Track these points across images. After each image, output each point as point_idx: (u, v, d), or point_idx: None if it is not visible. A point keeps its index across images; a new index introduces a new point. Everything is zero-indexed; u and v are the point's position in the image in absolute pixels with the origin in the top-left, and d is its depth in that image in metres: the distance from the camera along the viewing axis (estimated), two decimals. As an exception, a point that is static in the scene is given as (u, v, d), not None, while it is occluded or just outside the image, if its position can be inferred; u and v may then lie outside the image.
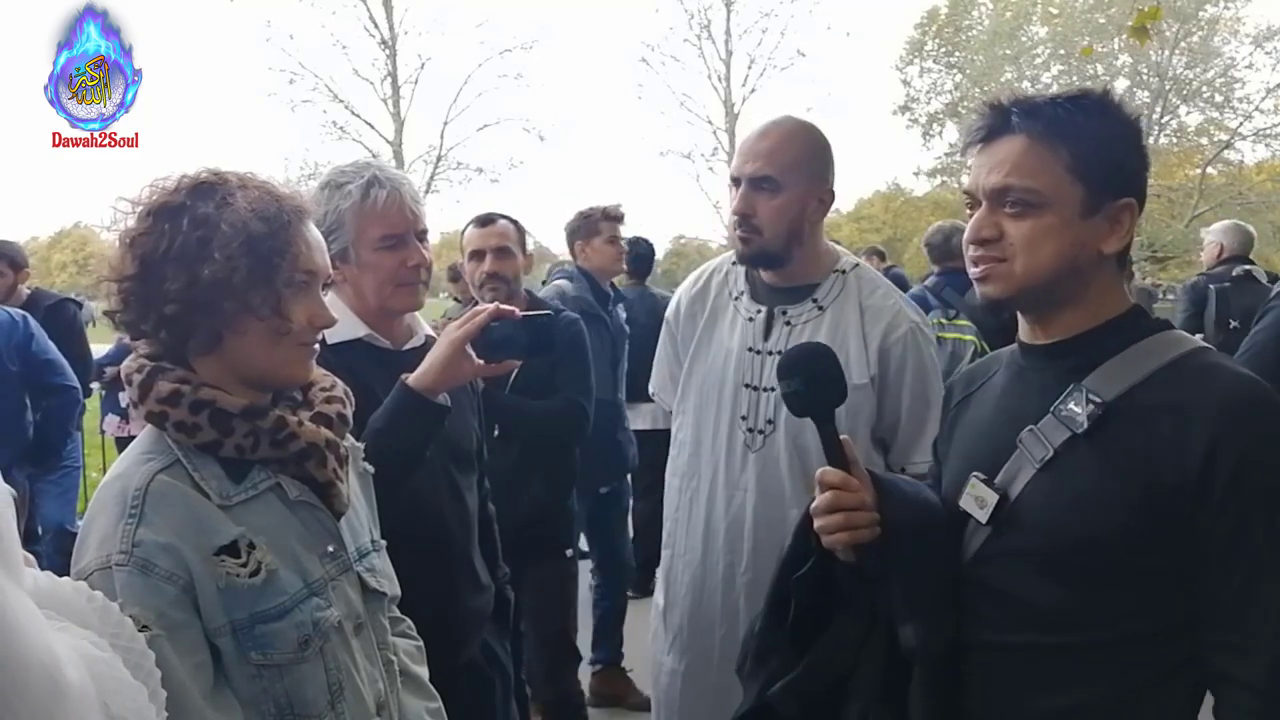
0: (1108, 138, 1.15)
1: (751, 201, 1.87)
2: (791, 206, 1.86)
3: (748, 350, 1.93)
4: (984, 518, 1.18)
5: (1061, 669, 1.13)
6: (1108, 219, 1.14)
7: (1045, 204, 1.13)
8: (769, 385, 1.88)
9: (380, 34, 19.57)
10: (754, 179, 1.87)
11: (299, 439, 1.17)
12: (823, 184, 1.91)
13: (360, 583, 1.25)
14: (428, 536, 1.68)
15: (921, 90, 24.82)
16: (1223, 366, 1.12)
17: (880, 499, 1.22)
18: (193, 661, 1.04)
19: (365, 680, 1.21)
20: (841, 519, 1.20)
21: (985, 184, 1.16)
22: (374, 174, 1.69)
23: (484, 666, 1.89)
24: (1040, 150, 1.13)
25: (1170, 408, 1.07)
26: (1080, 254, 1.14)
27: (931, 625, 1.18)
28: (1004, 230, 1.15)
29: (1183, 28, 20.37)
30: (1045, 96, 1.17)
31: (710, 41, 21.22)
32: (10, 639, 0.51)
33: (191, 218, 1.11)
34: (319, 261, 1.21)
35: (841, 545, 1.22)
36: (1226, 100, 21.24)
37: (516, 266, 2.75)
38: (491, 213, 2.80)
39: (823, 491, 1.22)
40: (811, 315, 1.91)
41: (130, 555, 1.03)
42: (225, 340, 1.14)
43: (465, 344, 1.58)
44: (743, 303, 1.99)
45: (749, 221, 1.88)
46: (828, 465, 1.23)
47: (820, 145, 1.93)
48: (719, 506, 1.95)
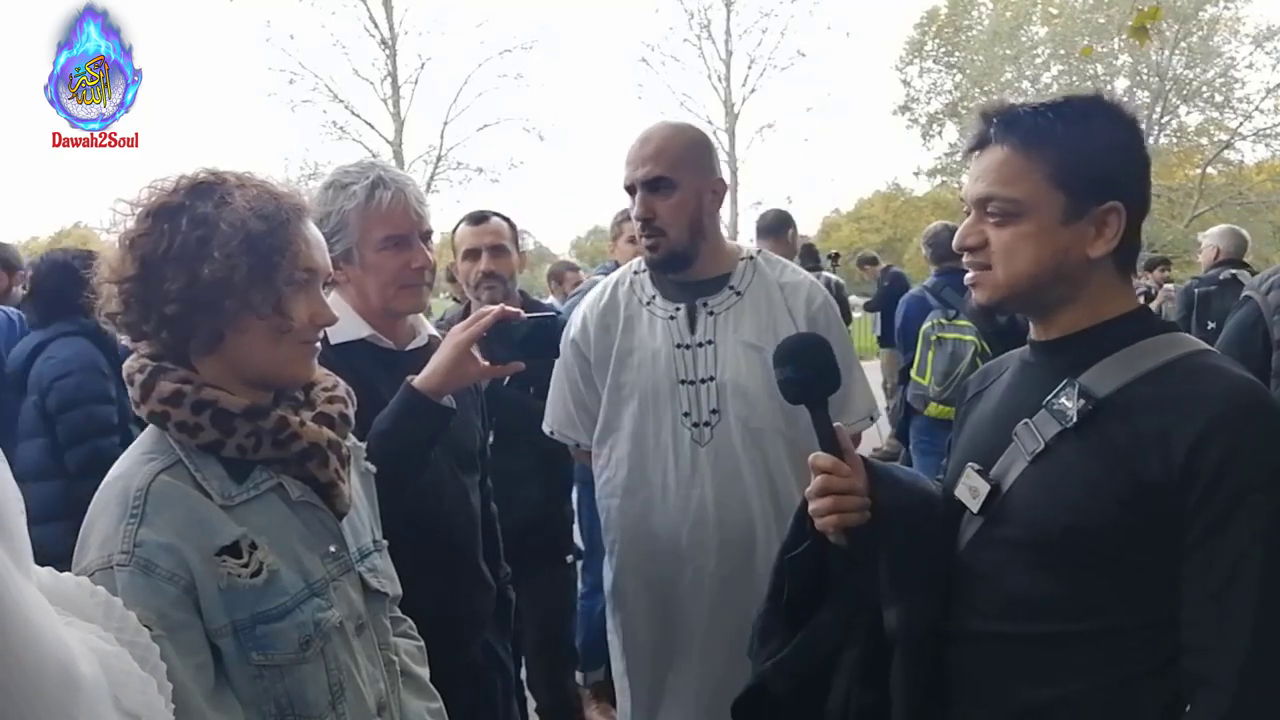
0: (1092, 143, 1.16)
1: (650, 204, 1.91)
2: (688, 202, 1.92)
3: (676, 347, 1.95)
4: (975, 507, 1.21)
5: (1049, 659, 1.14)
6: (1092, 224, 1.15)
7: (1024, 212, 1.15)
8: (706, 376, 1.92)
9: (380, 34, 19.56)
10: (647, 182, 1.91)
11: (301, 439, 1.17)
12: (712, 175, 1.97)
13: (362, 583, 1.25)
14: (432, 537, 1.68)
15: (921, 90, 24.85)
16: (1220, 369, 1.11)
17: (873, 485, 1.26)
18: (194, 662, 1.04)
19: (366, 681, 1.21)
20: (831, 503, 1.24)
21: (971, 193, 1.20)
22: (379, 175, 1.69)
23: (485, 666, 1.89)
24: (1018, 161, 1.16)
25: (1159, 406, 1.08)
26: (1064, 260, 1.16)
27: (914, 609, 1.21)
28: (987, 238, 1.19)
29: (1183, 28, 20.38)
30: (1029, 105, 1.19)
31: (710, 41, 21.24)
32: (26, 634, 0.51)
33: (190, 217, 1.11)
34: (319, 259, 1.21)
35: (832, 528, 1.25)
36: (1226, 100, 21.26)
37: (512, 265, 2.72)
38: (484, 210, 2.77)
39: (815, 476, 1.25)
40: (732, 301, 1.95)
41: (132, 555, 1.03)
42: (226, 339, 1.14)
43: (471, 346, 1.58)
44: (656, 305, 2.00)
45: (652, 224, 1.92)
46: (820, 450, 1.27)
47: (701, 140, 1.99)
48: (674, 511, 1.93)
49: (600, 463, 2.06)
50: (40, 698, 0.51)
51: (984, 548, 1.21)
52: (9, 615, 0.50)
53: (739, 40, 21.27)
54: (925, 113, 24.45)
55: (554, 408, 2.16)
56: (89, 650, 0.64)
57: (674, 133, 1.97)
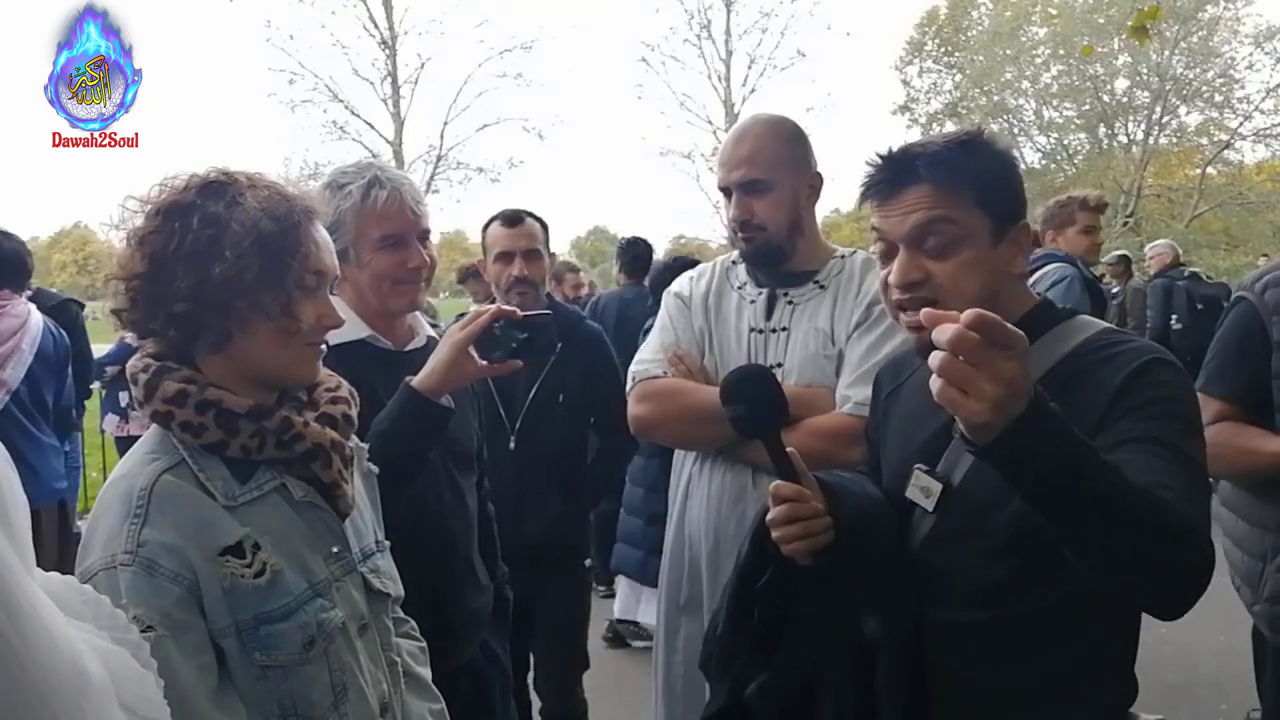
0: (998, 170, 1.25)
1: (747, 205, 1.90)
2: (785, 199, 1.90)
3: (751, 331, 1.94)
4: (930, 506, 1.26)
5: (1012, 640, 1.20)
6: (1011, 243, 1.25)
7: (963, 238, 1.21)
8: (775, 362, 1.90)
9: (380, 34, 19.59)
10: (743, 185, 1.90)
11: (305, 440, 1.17)
12: (807, 170, 1.95)
13: (364, 583, 1.25)
14: (429, 537, 1.68)
15: (921, 90, 24.88)
16: (1128, 339, 1.24)
17: (829, 502, 1.29)
18: (197, 662, 1.04)
19: (369, 681, 1.21)
20: (799, 528, 1.26)
21: (903, 229, 1.22)
22: (375, 174, 1.69)
23: (483, 666, 1.90)
24: (948, 192, 1.21)
25: (1083, 379, 1.17)
26: (997, 280, 1.24)
27: (892, 613, 1.26)
28: (928, 271, 1.22)
29: (1183, 28, 20.41)
30: (935, 142, 1.25)
31: (710, 41, 21.26)
32: (39, 630, 0.51)
33: (202, 216, 1.10)
34: (328, 262, 1.21)
35: (801, 553, 1.28)
36: (1226, 100, 21.29)
37: (544, 269, 2.62)
38: (518, 210, 2.65)
39: (777, 504, 1.28)
40: (813, 293, 1.93)
41: (135, 555, 1.02)
42: (234, 340, 1.14)
43: (468, 345, 1.58)
44: (746, 290, 2.00)
45: (750, 224, 1.91)
46: (778, 480, 1.29)
47: (795, 134, 1.96)
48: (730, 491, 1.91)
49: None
50: (55, 694, 0.51)
51: (939, 541, 1.26)
52: (21, 612, 0.50)
53: (739, 40, 21.33)
54: (925, 113, 24.50)
55: (661, 339, 2.06)
56: (91, 649, 0.64)
57: (767, 129, 1.94)
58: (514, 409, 2.51)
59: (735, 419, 1.35)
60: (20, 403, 3.35)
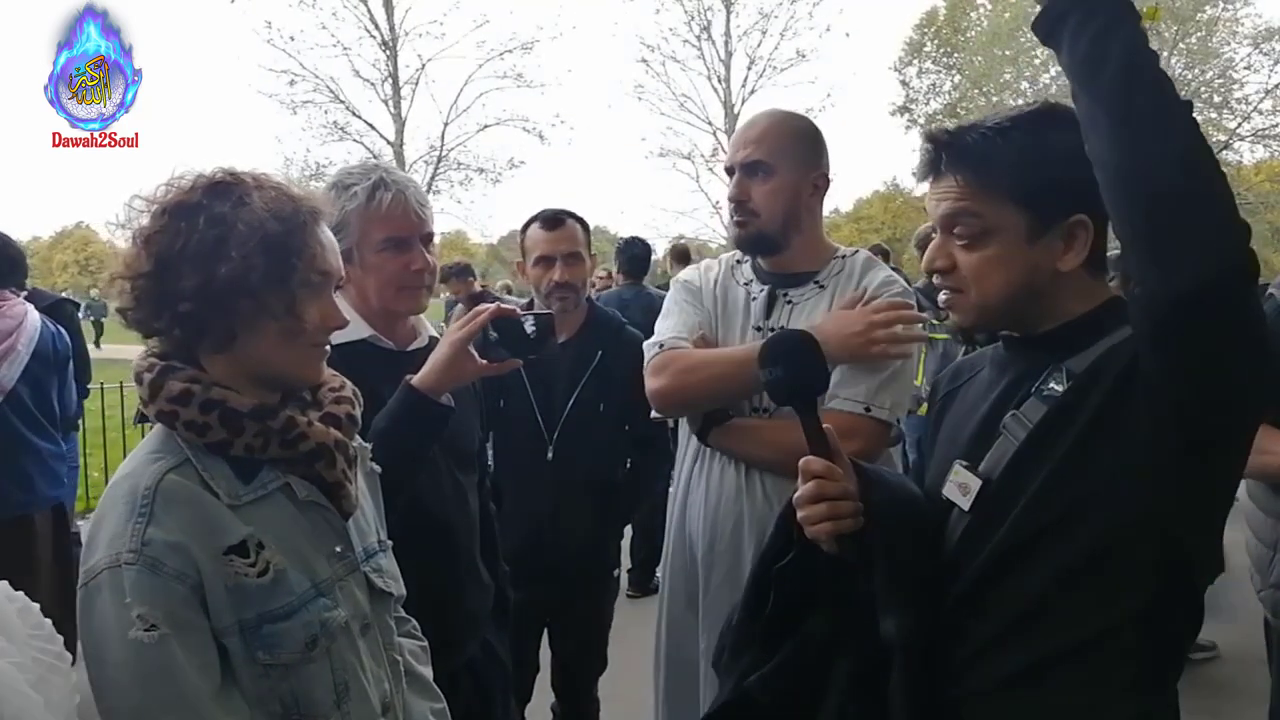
0: (1047, 157, 1.13)
1: (745, 187, 1.89)
2: (785, 189, 1.88)
3: (753, 328, 1.94)
4: (967, 504, 1.18)
5: (1023, 628, 1.13)
6: (1061, 238, 1.15)
7: (990, 233, 1.16)
8: None
9: (381, 35, 19.56)
10: (746, 165, 1.89)
11: (309, 439, 1.17)
12: (815, 168, 1.93)
13: (367, 583, 1.25)
14: (430, 536, 1.68)
15: (920, 91, 24.88)
16: None
17: (864, 488, 1.21)
18: (200, 661, 1.04)
19: (371, 680, 1.21)
20: (825, 509, 1.18)
21: (937, 215, 1.20)
22: (380, 176, 1.70)
23: (484, 664, 1.90)
24: (975, 186, 1.16)
25: (1116, 369, 1.09)
26: (1034, 277, 1.16)
27: (912, 617, 1.17)
28: (956, 260, 1.19)
29: (1182, 28, 20.41)
30: (978, 128, 1.18)
31: (710, 42, 21.23)
32: None
33: (208, 216, 1.11)
34: (333, 263, 1.21)
35: (825, 535, 1.20)
36: (1225, 101, 21.28)
37: (585, 272, 2.54)
38: (559, 211, 2.54)
39: (806, 481, 1.20)
40: (813, 293, 1.92)
41: (140, 554, 1.03)
42: (239, 340, 1.14)
43: (467, 344, 1.59)
44: (751, 287, 2.00)
45: (744, 206, 1.89)
46: (810, 455, 1.22)
47: (809, 130, 1.95)
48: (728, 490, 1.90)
49: (683, 434, 2.07)
50: None
51: (976, 545, 1.17)
52: None
53: (739, 41, 21.29)
54: (924, 113, 24.48)
55: (678, 317, 2.01)
56: None
57: (782, 119, 1.94)
58: (552, 419, 2.46)
59: (771, 382, 1.26)
60: (19, 406, 3.27)
